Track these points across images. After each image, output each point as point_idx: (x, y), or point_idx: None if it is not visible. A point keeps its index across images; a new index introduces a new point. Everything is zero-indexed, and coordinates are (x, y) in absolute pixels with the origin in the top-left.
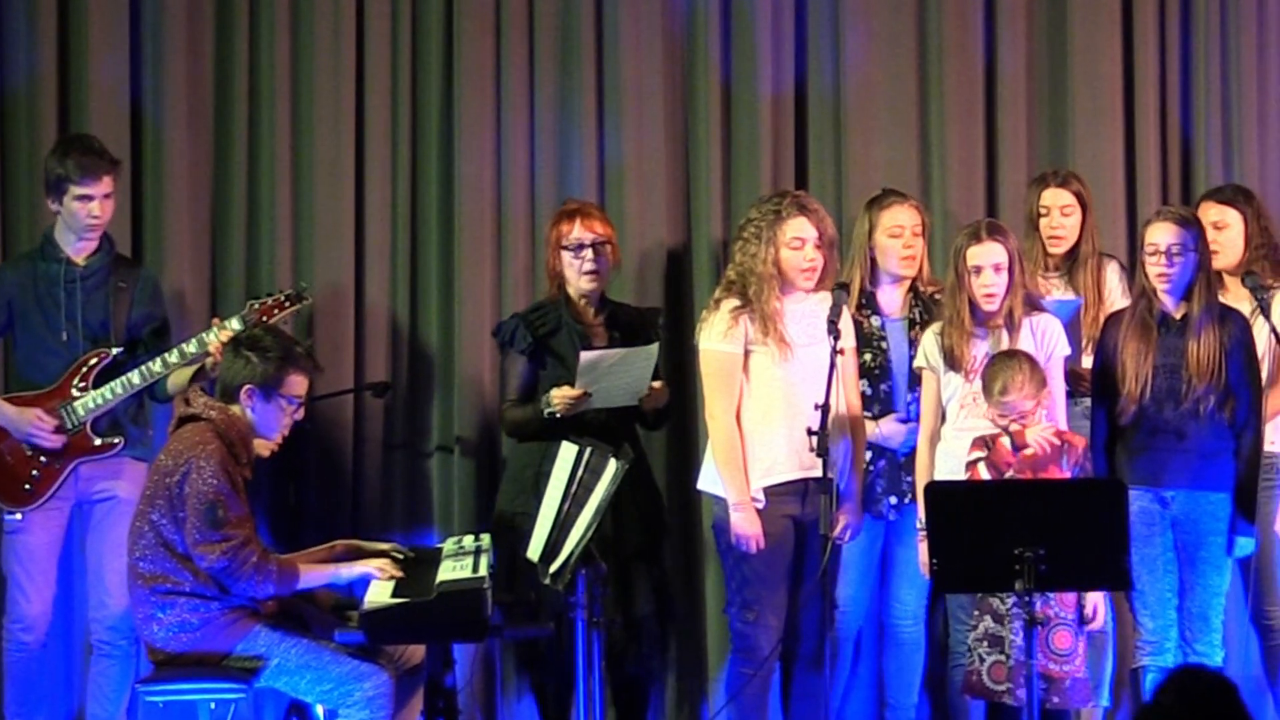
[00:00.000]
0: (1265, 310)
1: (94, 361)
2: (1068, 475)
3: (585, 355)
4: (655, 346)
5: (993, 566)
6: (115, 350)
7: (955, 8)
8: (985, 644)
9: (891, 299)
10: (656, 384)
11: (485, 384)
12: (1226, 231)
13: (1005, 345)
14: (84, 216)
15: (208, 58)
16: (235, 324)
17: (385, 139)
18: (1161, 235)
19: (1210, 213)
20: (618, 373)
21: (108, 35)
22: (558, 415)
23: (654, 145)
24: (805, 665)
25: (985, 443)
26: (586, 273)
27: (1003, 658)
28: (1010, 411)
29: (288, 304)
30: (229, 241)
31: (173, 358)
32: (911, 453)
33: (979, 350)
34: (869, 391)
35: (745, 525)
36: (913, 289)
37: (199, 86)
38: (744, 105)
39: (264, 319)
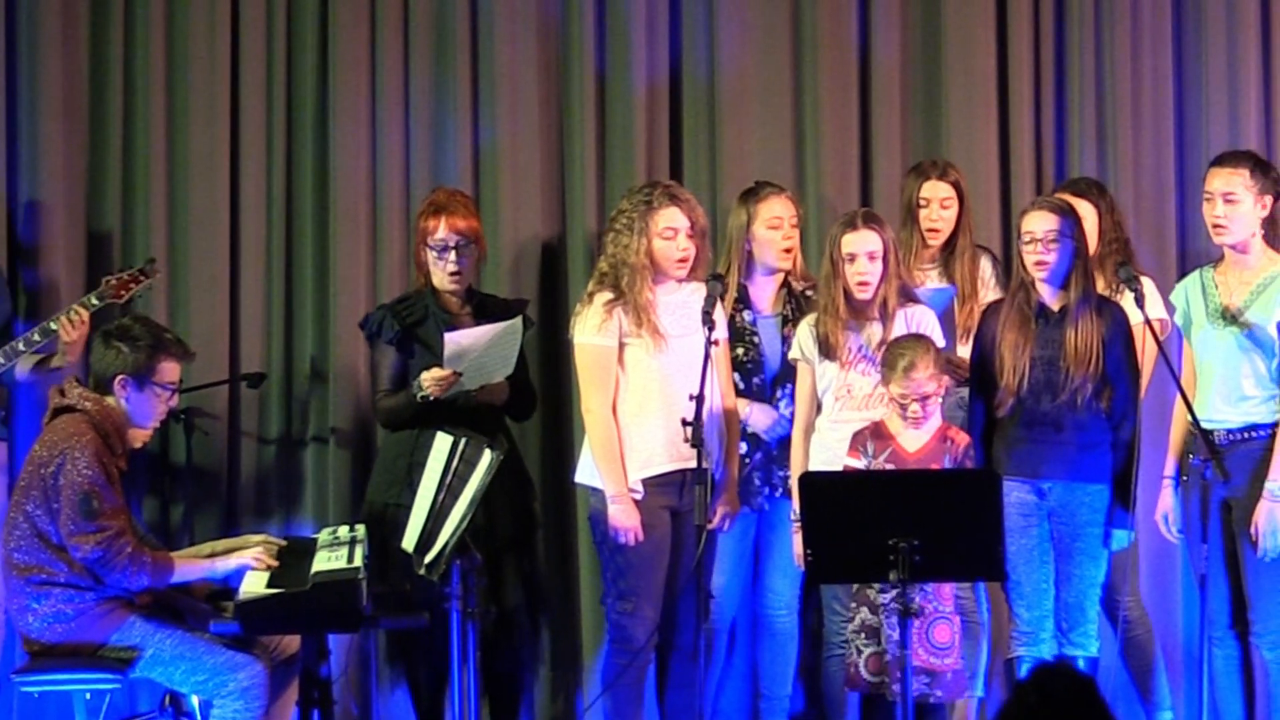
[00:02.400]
0: (1139, 301)
1: None
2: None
3: (450, 336)
4: (519, 320)
5: (867, 557)
6: None
7: None
8: (862, 636)
9: (764, 294)
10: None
11: (360, 375)
12: (1082, 223)
13: (880, 336)
14: None
15: (82, 50)
16: (94, 301)
17: (260, 130)
18: (1038, 223)
19: None
20: (485, 351)
21: None
22: (430, 398)
23: (528, 136)
24: (680, 655)
25: (866, 435)
26: (450, 273)
27: (879, 649)
28: (914, 391)
29: (142, 277)
30: (104, 233)
31: (20, 345)
32: (782, 442)
33: (853, 341)
34: (742, 386)
35: (623, 517)
36: (785, 285)
37: (74, 79)
38: (618, 95)
39: (122, 293)
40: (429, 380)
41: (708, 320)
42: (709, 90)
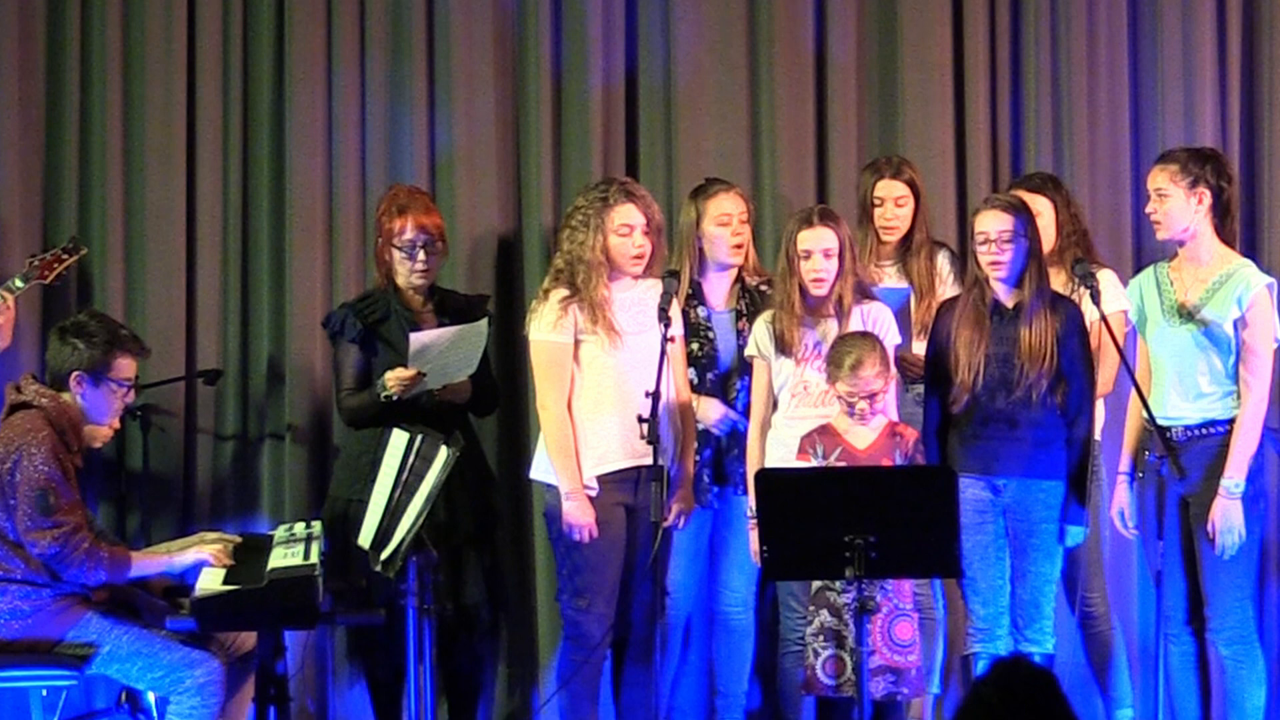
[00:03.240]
0: (1095, 297)
1: None
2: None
3: (415, 337)
4: (485, 322)
5: (823, 554)
6: None
7: None
8: (821, 639)
9: (718, 290)
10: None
11: (316, 372)
12: (1039, 219)
13: (835, 333)
14: None
15: (39, 46)
16: (19, 283)
17: (217, 128)
18: (991, 223)
19: None
20: (449, 352)
21: None
22: (394, 398)
23: (485, 133)
24: (636, 653)
25: (814, 437)
26: (417, 271)
27: (838, 652)
28: (861, 388)
29: (65, 256)
30: (60, 229)
31: None
32: (731, 437)
33: (809, 338)
34: (696, 381)
35: (578, 514)
36: (739, 281)
37: (30, 75)
38: (575, 93)
39: (46, 273)
40: (392, 380)
41: (663, 317)
42: (665, 88)
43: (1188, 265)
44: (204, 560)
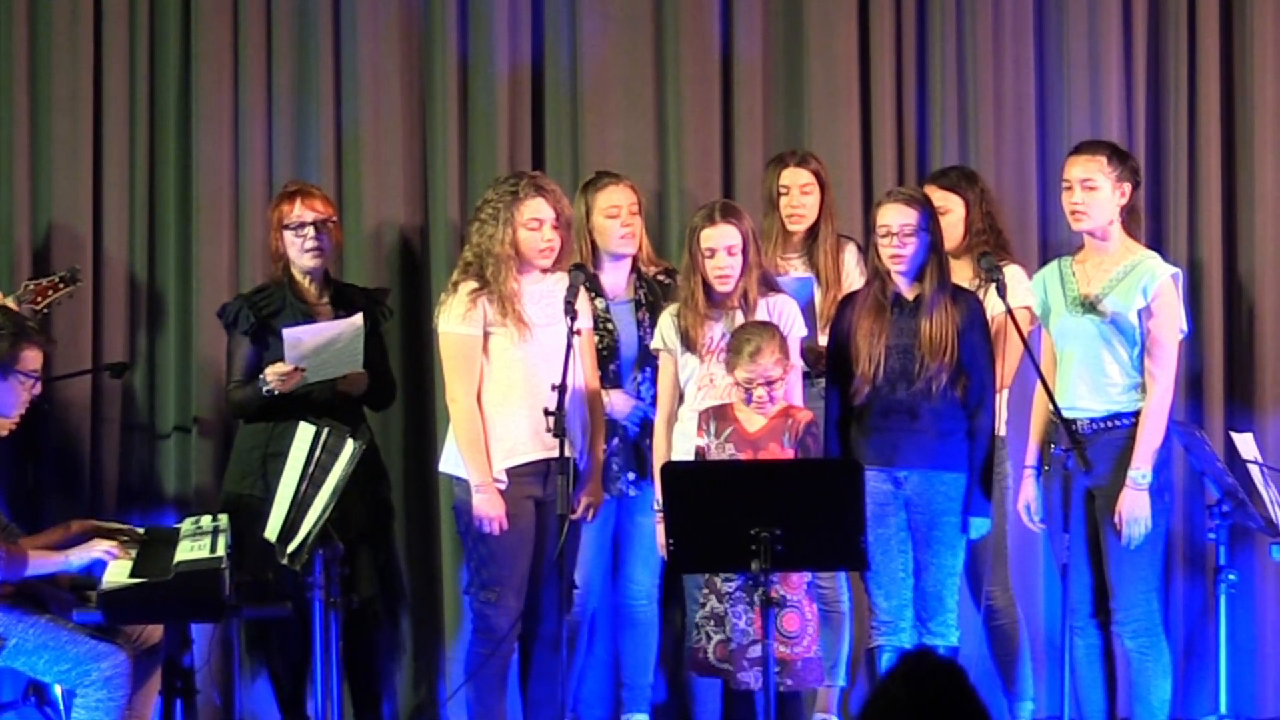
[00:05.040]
0: (1001, 290)
1: None
2: (790, 451)
3: (288, 332)
4: (359, 318)
5: (729, 547)
6: None
7: None
8: (712, 623)
9: (616, 280)
10: (357, 370)
11: (223, 365)
12: (948, 216)
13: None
14: None
15: None
16: (10, 302)
17: (123, 120)
18: (892, 216)
19: (934, 197)
20: (326, 347)
21: None
22: (275, 392)
23: (391, 126)
24: (543, 645)
25: (710, 415)
26: (309, 250)
27: (726, 637)
28: (759, 375)
29: (62, 285)
30: None
31: None
32: (642, 427)
33: (715, 332)
34: (599, 372)
35: (487, 507)
36: (636, 270)
37: None
38: (481, 86)
39: (39, 299)
40: (272, 374)
41: (570, 310)
42: (571, 80)
43: (1093, 257)
44: (103, 558)
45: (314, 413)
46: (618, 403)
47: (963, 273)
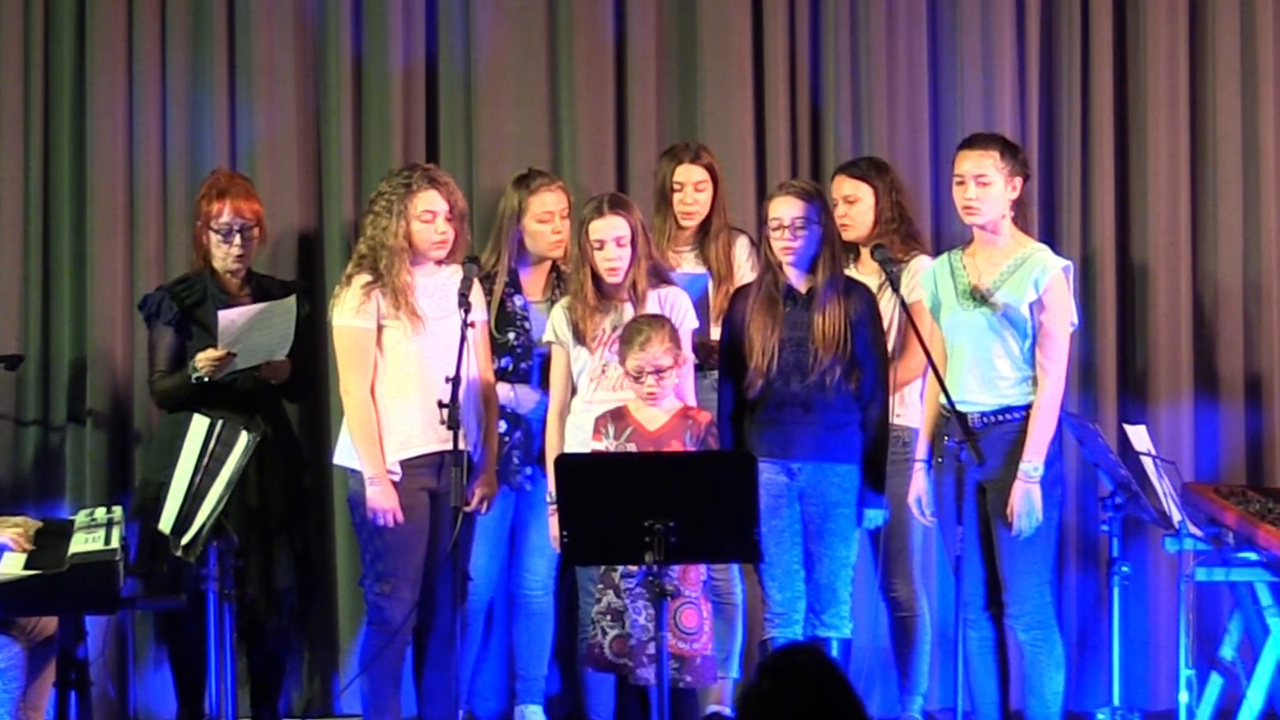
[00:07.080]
0: (894, 283)
1: None
2: (691, 450)
3: (223, 315)
4: (293, 299)
5: (623, 539)
6: None
7: None
8: (608, 618)
9: (534, 280)
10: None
11: (118, 357)
12: (857, 205)
13: (632, 317)
14: None
15: None
16: None
17: (17, 113)
18: (784, 209)
19: (844, 186)
20: (259, 330)
21: None
22: (205, 379)
23: (285, 121)
24: (438, 637)
25: (607, 418)
26: (235, 256)
27: (624, 632)
28: (649, 363)
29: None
30: None
31: None
32: (544, 421)
33: (605, 324)
34: (510, 369)
35: (381, 499)
36: (554, 269)
37: None
38: (375, 80)
39: None
40: (203, 361)
41: (463, 302)
42: (465, 74)
43: (983, 251)
44: (3, 545)
45: (236, 401)
46: (523, 397)
47: (872, 263)
